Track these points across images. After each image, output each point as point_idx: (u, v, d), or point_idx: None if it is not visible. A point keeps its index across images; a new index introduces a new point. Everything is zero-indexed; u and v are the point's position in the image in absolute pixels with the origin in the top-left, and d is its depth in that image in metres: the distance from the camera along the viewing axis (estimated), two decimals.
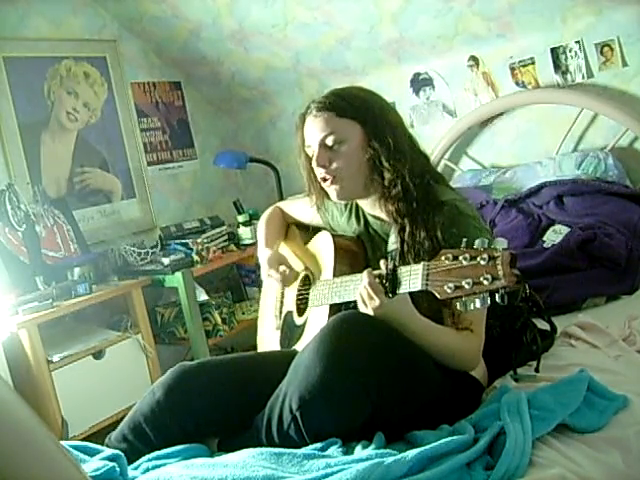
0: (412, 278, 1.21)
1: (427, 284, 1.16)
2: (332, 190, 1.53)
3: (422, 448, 1.17)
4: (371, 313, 1.31)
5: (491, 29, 2.74)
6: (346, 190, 1.52)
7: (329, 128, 1.48)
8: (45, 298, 2.38)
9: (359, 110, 1.49)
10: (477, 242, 1.11)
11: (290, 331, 1.75)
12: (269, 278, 1.71)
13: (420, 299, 1.32)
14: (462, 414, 1.35)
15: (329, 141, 1.49)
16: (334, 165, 1.50)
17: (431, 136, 3.00)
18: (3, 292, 2.45)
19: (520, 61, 2.79)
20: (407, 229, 1.44)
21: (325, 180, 1.53)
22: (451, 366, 1.40)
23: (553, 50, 2.69)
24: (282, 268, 1.69)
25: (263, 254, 1.78)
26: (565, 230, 2.24)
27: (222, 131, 3.73)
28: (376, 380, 1.26)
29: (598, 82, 2.64)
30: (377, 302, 1.28)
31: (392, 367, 1.29)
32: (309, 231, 1.85)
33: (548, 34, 2.69)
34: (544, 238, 2.28)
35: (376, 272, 1.31)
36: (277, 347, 1.78)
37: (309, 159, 1.56)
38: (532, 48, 2.75)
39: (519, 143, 2.90)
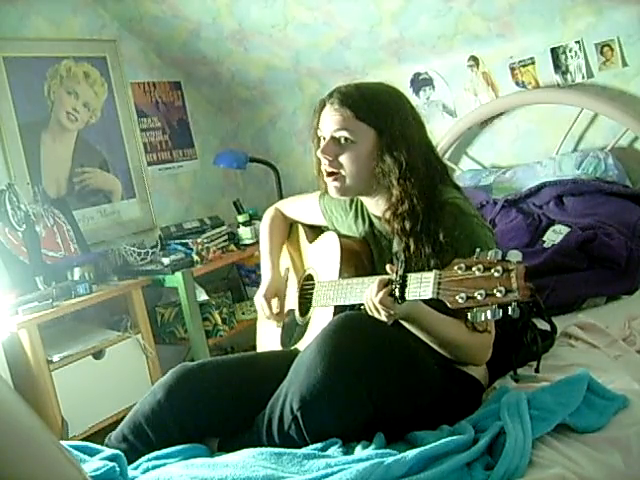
0: (423, 286, 1.20)
1: (438, 293, 1.16)
2: (331, 186, 1.53)
3: (422, 448, 1.17)
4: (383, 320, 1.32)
5: (491, 29, 2.74)
6: (345, 188, 1.52)
7: (344, 125, 1.47)
8: (45, 298, 2.38)
9: (380, 118, 1.47)
10: (490, 253, 1.10)
11: (291, 329, 1.75)
12: (259, 304, 1.77)
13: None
14: (462, 414, 1.35)
15: (340, 136, 1.48)
16: (339, 160, 1.49)
17: (431, 136, 2.98)
18: (3, 292, 2.45)
19: (520, 61, 2.79)
20: (412, 248, 1.43)
21: (328, 174, 1.52)
22: (461, 359, 1.40)
23: (553, 50, 2.69)
24: (274, 303, 1.76)
25: (265, 273, 1.82)
26: (565, 230, 2.24)
27: (222, 131, 3.73)
28: (377, 381, 1.26)
29: (598, 82, 2.64)
30: (388, 314, 1.29)
31: (393, 368, 1.29)
32: (314, 229, 1.85)
33: (548, 34, 2.69)
34: (544, 238, 2.27)
35: (385, 278, 1.30)
36: (278, 344, 1.79)
37: (318, 143, 1.56)
38: (532, 48, 2.74)
39: (519, 143, 2.90)
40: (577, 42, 2.63)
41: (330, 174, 1.52)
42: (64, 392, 2.35)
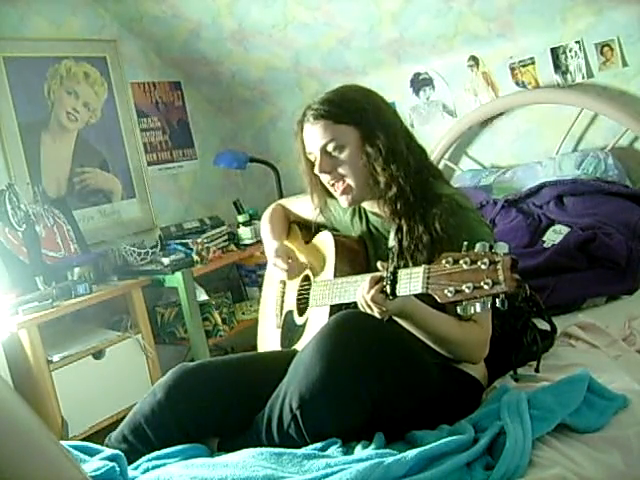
0: (412, 281, 1.21)
1: (427, 287, 1.16)
2: (342, 199, 1.55)
3: (422, 448, 1.17)
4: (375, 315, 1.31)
5: (491, 29, 2.74)
6: (355, 197, 1.54)
7: (328, 135, 1.50)
8: (45, 298, 2.38)
9: (354, 114, 1.49)
10: (478, 246, 1.10)
11: (290, 330, 1.75)
12: (275, 267, 1.72)
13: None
14: (462, 414, 1.35)
15: (330, 148, 1.50)
16: (338, 170, 1.51)
17: (431, 136, 3.00)
18: (3, 292, 2.45)
19: (520, 61, 2.79)
20: (404, 228, 1.45)
21: (333, 186, 1.54)
22: (458, 357, 1.40)
23: (553, 50, 2.69)
24: (289, 260, 1.71)
25: (270, 245, 1.79)
26: (565, 230, 2.24)
27: (222, 131, 3.73)
28: (376, 379, 1.26)
29: (598, 82, 2.64)
30: (380, 310, 1.29)
31: (392, 366, 1.29)
32: (310, 230, 1.85)
33: (548, 34, 2.69)
34: (544, 238, 2.27)
35: (377, 275, 1.31)
36: (277, 346, 1.79)
37: (310, 164, 1.58)
38: (532, 48, 2.75)
39: (519, 143, 2.90)
40: (577, 42, 2.63)
41: (336, 186, 1.53)
42: (64, 392, 2.34)
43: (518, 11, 2.60)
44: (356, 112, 1.49)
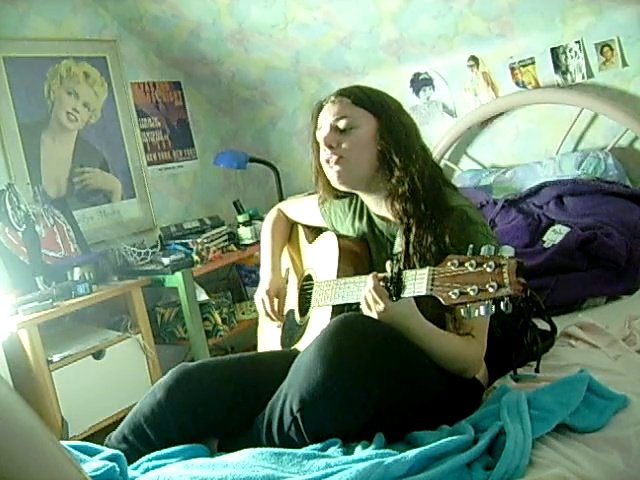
0: (417, 282, 1.20)
1: (432, 289, 1.16)
2: (333, 172, 1.51)
3: (422, 448, 1.17)
4: (375, 317, 1.30)
5: (491, 29, 2.74)
6: (347, 174, 1.51)
7: (343, 112, 1.50)
8: (45, 298, 2.38)
9: (376, 104, 1.51)
10: (483, 249, 1.10)
11: (291, 330, 1.75)
12: (260, 299, 1.79)
13: (423, 303, 1.31)
14: (462, 414, 1.34)
15: (341, 124, 1.49)
16: (342, 146, 1.49)
17: (431, 136, 3.00)
18: (3, 292, 2.45)
19: (520, 61, 2.79)
20: (413, 230, 1.43)
21: (329, 162, 1.51)
22: (452, 371, 1.39)
23: (553, 50, 2.69)
24: (276, 302, 1.77)
25: (265, 273, 1.82)
26: (565, 230, 2.24)
27: (222, 131, 3.74)
28: (377, 382, 1.25)
29: (598, 82, 2.64)
30: (382, 306, 1.27)
31: (393, 369, 1.28)
32: (313, 230, 1.85)
33: (548, 34, 2.69)
34: (544, 238, 2.27)
35: (381, 275, 1.30)
36: (278, 345, 1.79)
37: (318, 146, 1.56)
38: (532, 48, 2.75)
39: (519, 143, 2.90)
40: (577, 42, 2.63)
41: (330, 160, 1.51)
42: (64, 392, 2.34)
43: (518, 11, 2.60)
44: (379, 104, 1.51)
